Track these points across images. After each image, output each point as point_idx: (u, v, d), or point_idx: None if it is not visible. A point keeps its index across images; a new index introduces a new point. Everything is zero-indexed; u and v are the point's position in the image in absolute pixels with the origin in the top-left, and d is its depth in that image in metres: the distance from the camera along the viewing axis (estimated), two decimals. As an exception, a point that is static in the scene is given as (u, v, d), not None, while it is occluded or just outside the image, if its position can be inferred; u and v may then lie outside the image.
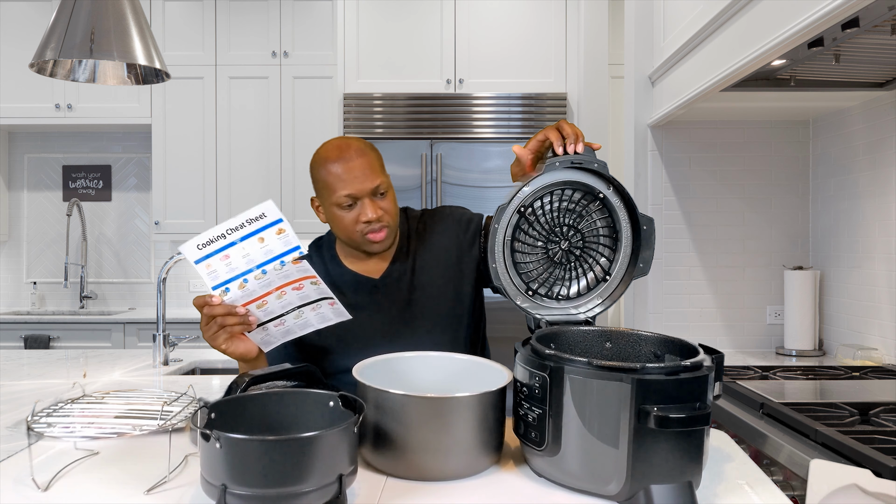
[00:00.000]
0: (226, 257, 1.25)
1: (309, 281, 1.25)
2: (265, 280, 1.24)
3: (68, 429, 1.22)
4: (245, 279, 1.25)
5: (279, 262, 1.24)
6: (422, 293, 1.48)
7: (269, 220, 1.24)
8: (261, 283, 1.24)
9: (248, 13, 4.01)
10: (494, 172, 3.60)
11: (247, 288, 1.25)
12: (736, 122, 2.56)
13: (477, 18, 3.72)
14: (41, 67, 1.87)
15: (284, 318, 1.30)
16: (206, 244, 1.25)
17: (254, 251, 1.24)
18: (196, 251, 1.25)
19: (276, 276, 1.24)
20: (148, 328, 3.83)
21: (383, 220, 1.42)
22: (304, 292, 1.26)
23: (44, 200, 4.41)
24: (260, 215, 1.24)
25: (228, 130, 4.02)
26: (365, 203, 1.41)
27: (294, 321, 1.31)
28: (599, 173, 1.19)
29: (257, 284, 1.24)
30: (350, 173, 1.40)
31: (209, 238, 1.25)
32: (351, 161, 1.40)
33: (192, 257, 1.25)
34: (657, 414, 0.88)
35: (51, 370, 2.03)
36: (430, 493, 0.97)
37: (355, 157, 1.41)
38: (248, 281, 1.25)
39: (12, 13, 4.03)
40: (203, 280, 1.27)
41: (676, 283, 2.56)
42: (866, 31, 1.52)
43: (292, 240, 1.24)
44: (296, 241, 1.24)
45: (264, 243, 1.24)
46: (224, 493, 0.83)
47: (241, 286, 1.25)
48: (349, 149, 1.42)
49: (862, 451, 1.22)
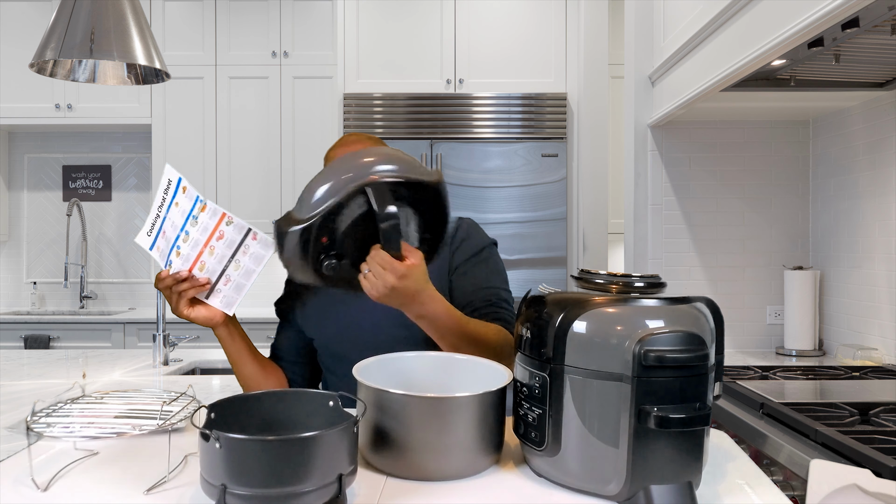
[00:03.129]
0: (164, 234, 1.30)
1: (224, 222, 1.27)
2: (192, 240, 1.27)
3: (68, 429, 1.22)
4: (178, 246, 1.28)
5: (192, 218, 1.27)
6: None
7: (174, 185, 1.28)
8: (189, 245, 1.28)
9: (248, 13, 4.01)
10: (494, 172, 3.60)
11: (182, 254, 1.28)
12: (736, 122, 2.56)
13: (477, 18, 3.72)
14: (41, 67, 1.87)
15: (228, 274, 1.32)
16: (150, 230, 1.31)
17: (176, 218, 1.28)
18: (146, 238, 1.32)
19: (197, 233, 1.27)
20: (148, 328, 3.83)
21: None
22: (227, 238, 1.28)
23: (44, 200, 4.41)
24: (167, 183, 1.29)
25: (228, 130, 4.02)
26: None
27: (236, 273, 1.32)
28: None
29: (188, 247, 1.28)
30: None
31: (150, 223, 1.31)
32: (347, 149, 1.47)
33: (146, 245, 1.32)
34: (657, 414, 0.88)
35: (51, 370, 2.03)
36: (430, 493, 0.97)
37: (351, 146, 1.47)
38: (181, 247, 1.28)
39: (12, 13, 4.03)
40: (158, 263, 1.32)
41: (676, 283, 2.56)
42: (866, 31, 1.52)
43: (192, 192, 1.27)
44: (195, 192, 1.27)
45: (179, 207, 1.28)
46: (224, 493, 0.83)
47: (177, 254, 1.28)
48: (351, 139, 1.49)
49: (862, 451, 1.22)
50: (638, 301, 0.95)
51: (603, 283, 1.01)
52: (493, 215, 3.59)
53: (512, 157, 3.62)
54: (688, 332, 0.91)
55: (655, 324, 0.91)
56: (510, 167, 3.61)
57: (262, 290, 4.32)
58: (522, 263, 3.59)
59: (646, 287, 1.00)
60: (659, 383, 0.90)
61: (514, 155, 3.61)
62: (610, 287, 1.00)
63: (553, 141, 3.65)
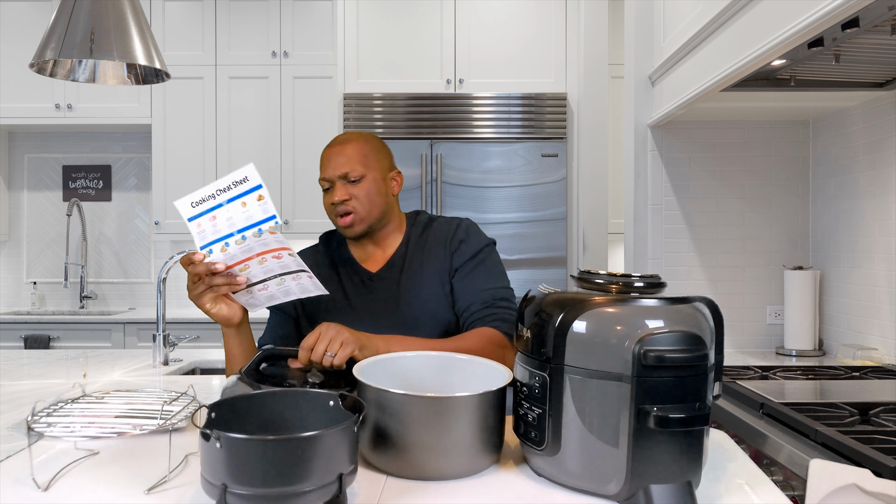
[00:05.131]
0: (213, 218, 1.27)
1: (287, 252, 1.27)
2: (245, 245, 1.26)
3: (68, 428, 1.22)
4: (227, 243, 1.27)
5: (257, 230, 1.26)
6: (408, 294, 1.51)
7: (251, 185, 1.26)
8: (241, 248, 1.26)
9: (248, 13, 4.01)
10: (494, 172, 3.61)
11: (228, 252, 1.27)
12: (736, 122, 2.56)
13: (477, 18, 3.73)
14: (41, 67, 1.87)
15: (267, 284, 1.32)
16: (198, 202, 1.28)
17: (236, 215, 1.26)
18: (190, 208, 1.28)
19: (255, 243, 1.26)
20: (148, 328, 3.83)
21: (348, 206, 1.48)
22: (283, 262, 1.28)
23: (44, 200, 4.41)
24: (243, 178, 1.26)
25: (228, 130, 4.02)
26: (336, 186, 1.48)
27: (276, 287, 1.32)
28: None
29: (238, 249, 1.26)
30: (328, 159, 1.49)
31: (202, 197, 1.27)
32: (335, 147, 1.50)
33: (186, 214, 1.28)
34: (657, 414, 0.88)
35: (51, 370, 2.03)
36: (430, 492, 0.97)
37: (340, 144, 1.50)
38: (230, 245, 1.27)
39: (12, 13, 4.03)
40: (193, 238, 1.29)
41: (676, 283, 2.56)
42: (866, 31, 1.52)
43: (270, 208, 1.26)
44: (273, 210, 1.26)
45: (246, 208, 1.26)
46: (224, 493, 0.84)
47: (222, 249, 1.27)
48: (342, 137, 1.52)
49: (862, 451, 1.22)
50: (638, 301, 0.95)
51: (603, 283, 1.01)
52: (493, 215, 3.59)
53: (512, 157, 3.62)
54: (688, 332, 0.91)
55: (655, 324, 0.91)
56: (510, 167, 3.61)
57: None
58: (522, 263, 3.59)
59: (646, 287, 1.00)
60: (659, 383, 0.90)
61: (514, 155, 3.61)
62: (610, 287, 1.00)
63: (553, 141, 3.65)
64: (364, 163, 1.49)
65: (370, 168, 1.50)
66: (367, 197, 1.48)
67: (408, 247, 1.56)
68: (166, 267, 2.16)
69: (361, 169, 1.48)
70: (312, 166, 4.01)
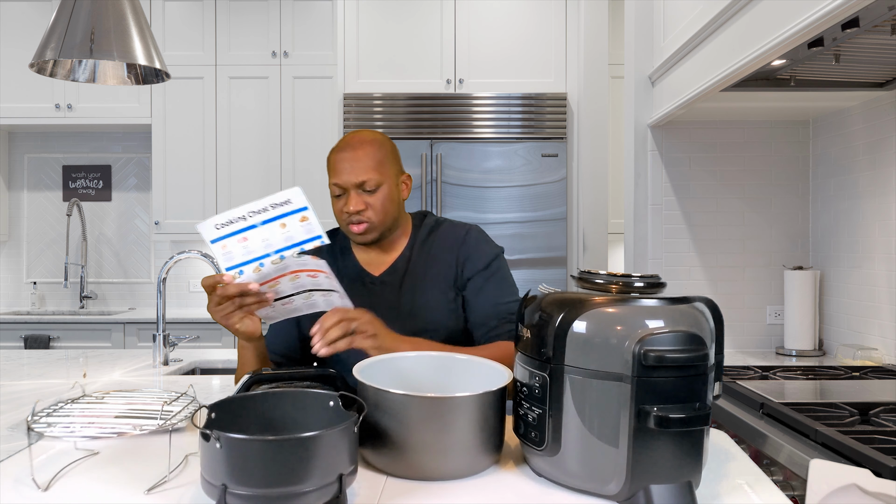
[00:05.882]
0: (244, 239, 1.25)
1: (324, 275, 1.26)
2: (282, 265, 1.24)
3: (68, 429, 1.22)
4: (261, 263, 1.25)
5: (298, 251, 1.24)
6: (410, 300, 1.49)
7: (293, 207, 1.25)
8: (277, 267, 1.24)
9: (248, 13, 4.01)
10: (494, 172, 3.60)
11: (262, 271, 1.25)
12: (736, 122, 2.56)
13: (477, 18, 3.73)
14: (41, 67, 1.87)
15: (293, 298, 1.31)
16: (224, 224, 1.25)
17: (274, 236, 1.24)
18: (213, 230, 1.25)
19: (292, 262, 1.24)
20: (148, 328, 3.83)
21: (364, 216, 1.45)
22: (317, 280, 1.27)
23: (44, 200, 4.41)
24: (285, 201, 1.24)
25: (228, 130, 4.02)
26: (350, 195, 1.44)
27: (303, 301, 1.31)
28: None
29: (273, 268, 1.24)
30: (342, 164, 1.44)
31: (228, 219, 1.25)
32: (348, 152, 1.44)
33: (209, 236, 1.25)
34: (657, 414, 0.88)
35: (51, 370, 2.03)
36: (430, 492, 0.97)
37: (354, 148, 1.45)
38: (264, 265, 1.25)
39: (12, 13, 4.03)
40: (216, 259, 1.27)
41: (676, 283, 2.56)
42: (866, 31, 1.52)
43: (315, 228, 1.24)
44: (319, 231, 1.24)
45: (286, 229, 1.24)
46: (224, 493, 0.84)
47: (256, 269, 1.24)
48: (355, 140, 1.46)
49: (862, 451, 1.22)
50: (638, 301, 0.95)
51: (603, 283, 1.01)
52: (493, 215, 3.59)
53: (512, 157, 3.62)
54: (688, 332, 0.91)
55: (655, 324, 0.91)
56: (510, 167, 3.61)
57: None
58: (522, 263, 3.59)
59: (646, 287, 1.00)
60: (659, 383, 0.90)
61: (514, 155, 3.61)
62: (610, 287, 1.00)
63: (553, 141, 3.65)
64: (380, 171, 1.45)
65: (385, 176, 1.46)
66: (382, 206, 1.46)
67: (412, 251, 1.54)
68: (166, 267, 2.16)
69: (378, 177, 1.44)
70: (312, 166, 4.01)
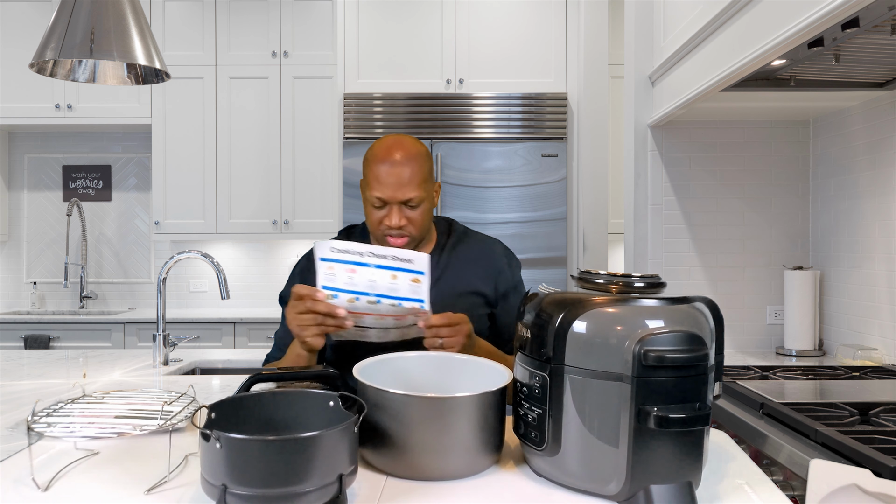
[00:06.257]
0: (352, 271, 1.27)
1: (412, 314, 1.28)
2: (375, 307, 1.27)
3: (68, 429, 1.22)
4: (357, 297, 1.27)
5: (397, 303, 1.27)
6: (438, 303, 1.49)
7: (412, 267, 1.27)
8: (370, 307, 1.27)
9: (248, 13, 4.01)
10: (494, 172, 3.60)
11: (354, 304, 1.27)
12: (736, 122, 2.56)
13: (477, 18, 3.72)
14: (41, 67, 1.87)
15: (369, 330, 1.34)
16: (341, 251, 1.28)
17: (381, 281, 1.27)
18: (328, 251, 1.28)
19: (387, 310, 1.27)
20: (148, 328, 3.83)
21: (405, 231, 1.47)
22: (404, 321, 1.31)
23: (44, 200, 4.41)
24: (408, 259, 1.27)
25: (228, 130, 4.02)
26: (393, 209, 1.45)
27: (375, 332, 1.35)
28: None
29: (366, 307, 1.27)
30: (388, 178, 1.43)
31: (347, 248, 1.28)
32: (393, 167, 1.43)
33: (321, 254, 1.28)
34: (657, 414, 0.88)
35: (51, 370, 2.03)
36: (430, 493, 0.97)
37: (400, 163, 1.44)
38: (359, 300, 1.27)
39: (12, 13, 4.03)
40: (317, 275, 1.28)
41: (676, 283, 2.56)
42: (866, 31, 1.52)
43: (422, 293, 1.27)
44: (424, 296, 1.27)
45: (395, 281, 1.27)
46: (224, 493, 0.83)
47: (350, 300, 1.27)
48: (398, 152, 1.45)
49: (862, 451, 1.22)
50: (638, 301, 0.95)
51: (603, 283, 1.01)
52: (493, 215, 3.59)
53: (512, 157, 3.62)
54: (688, 332, 0.91)
55: (655, 324, 0.91)
56: (510, 167, 3.61)
57: (263, 290, 4.33)
58: (522, 263, 3.58)
59: (646, 287, 1.00)
60: (659, 383, 0.90)
61: (514, 155, 3.61)
62: (610, 287, 1.00)
63: (553, 141, 3.65)
64: (424, 187, 1.46)
65: (428, 192, 1.48)
66: (420, 219, 1.47)
67: (439, 257, 1.55)
68: (166, 267, 2.16)
69: (422, 194, 1.45)
70: (312, 166, 4.01)
